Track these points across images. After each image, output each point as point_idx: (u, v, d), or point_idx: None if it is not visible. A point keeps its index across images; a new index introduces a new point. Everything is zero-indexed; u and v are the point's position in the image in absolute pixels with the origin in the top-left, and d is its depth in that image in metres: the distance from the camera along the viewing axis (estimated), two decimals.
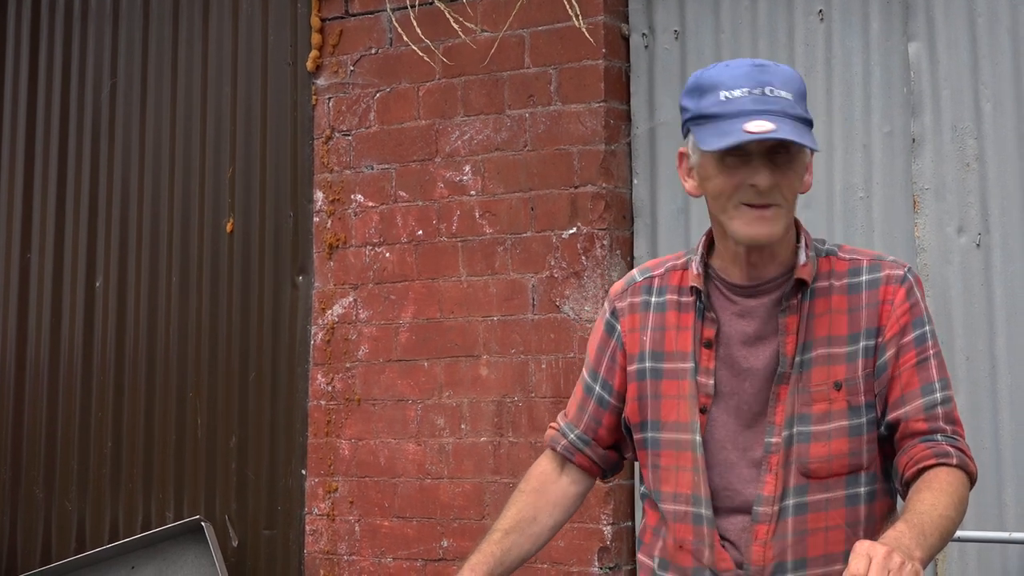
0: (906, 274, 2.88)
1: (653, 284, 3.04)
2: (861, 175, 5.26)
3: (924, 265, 5.09)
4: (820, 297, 2.87)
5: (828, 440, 2.80)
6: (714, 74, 2.83)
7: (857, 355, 2.83)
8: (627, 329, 3.03)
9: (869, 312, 2.85)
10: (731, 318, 2.90)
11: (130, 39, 6.85)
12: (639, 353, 2.99)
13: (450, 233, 5.87)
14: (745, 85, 2.78)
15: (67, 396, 6.82)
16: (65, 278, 6.89)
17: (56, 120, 7.01)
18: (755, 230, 2.80)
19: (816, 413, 2.81)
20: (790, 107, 2.77)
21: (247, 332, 6.37)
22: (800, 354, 2.83)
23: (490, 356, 5.74)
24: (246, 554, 6.29)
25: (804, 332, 2.85)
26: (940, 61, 5.13)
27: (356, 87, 6.17)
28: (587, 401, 3.11)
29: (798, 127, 2.75)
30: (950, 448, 2.76)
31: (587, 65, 5.63)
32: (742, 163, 2.78)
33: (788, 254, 2.90)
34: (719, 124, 2.76)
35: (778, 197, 2.80)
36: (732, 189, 2.80)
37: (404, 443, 5.91)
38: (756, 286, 2.89)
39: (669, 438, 2.91)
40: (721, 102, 2.78)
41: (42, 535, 6.82)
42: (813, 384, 2.82)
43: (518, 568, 3.07)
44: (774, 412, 2.83)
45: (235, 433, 6.36)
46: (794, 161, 2.80)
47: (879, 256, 2.93)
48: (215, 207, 6.51)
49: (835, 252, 2.94)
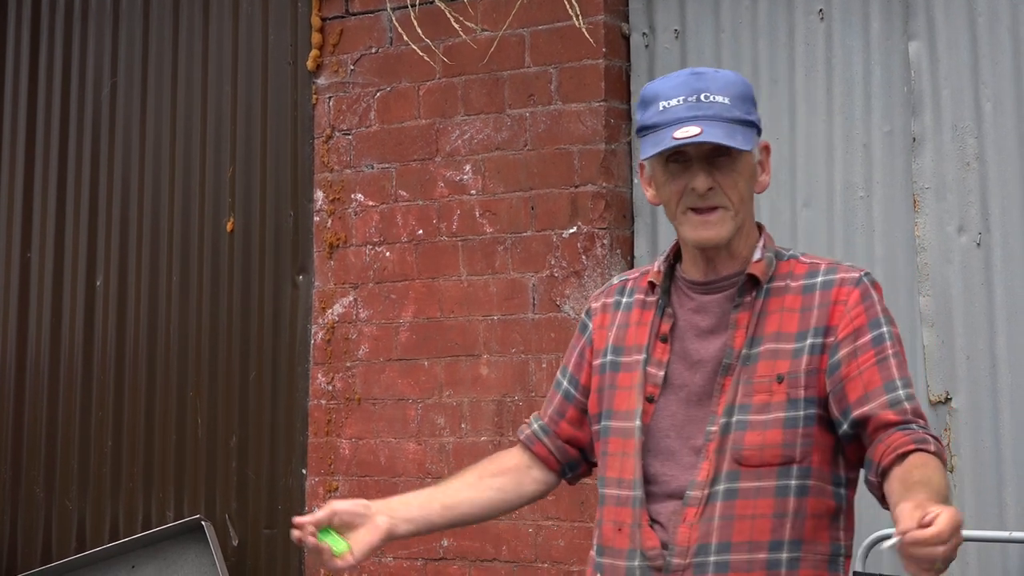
0: (861, 277, 2.95)
1: (627, 286, 3.16)
2: (861, 174, 5.26)
3: (924, 264, 5.09)
4: (775, 296, 2.96)
5: (764, 429, 2.86)
6: (656, 86, 2.97)
7: (803, 351, 2.89)
8: (596, 326, 3.15)
9: (820, 312, 2.91)
10: (687, 313, 3.01)
11: (130, 38, 6.85)
12: (604, 348, 3.10)
13: (450, 232, 5.87)
14: (681, 94, 2.91)
15: (67, 395, 6.82)
16: (65, 277, 6.89)
17: (56, 119, 7.01)
18: (700, 233, 2.93)
19: (756, 403, 2.89)
20: (725, 110, 2.88)
21: (247, 331, 6.37)
22: (748, 348, 2.92)
23: (490, 355, 5.74)
24: (246, 553, 6.29)
25: (754, 327, 2.93)
26: (940, 60, 5.13)
27: (356, 86, 6.17)
28: (555, 395, 3.21)
29: (729, 129, 2.87)
30: (928, 436, 2.81)
31: (587, 64, 5.63)
32: (684, 168, 2.91)
33: (748, 253, 3.00)
34: (656, 133, 2.90)
35: (721, 199, 2.91)
36: (677, 195, 2.93)
37: (404, 442, 5.91)
38: (713, 282, 2.99)
39: (617, 426, 3.01)
40: (659, 112, 2.91)
41: (42, 534, 6.82)
42: (757, 376, 2.89)
43: (447, 518, 3.18)
44: (717, 402, 2.91)
45: (235, 432, 6.36)
46: (736, 163, 2.91)
47: (838, 262, 3.02)
48: (215, 206, 6.51)
49: (796, 256, 3.03)
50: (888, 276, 5.15)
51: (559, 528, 5.48)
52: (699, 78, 2.94)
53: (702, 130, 2.84)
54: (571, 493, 5.37)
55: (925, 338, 5.08)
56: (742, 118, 2.91)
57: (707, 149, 2.88)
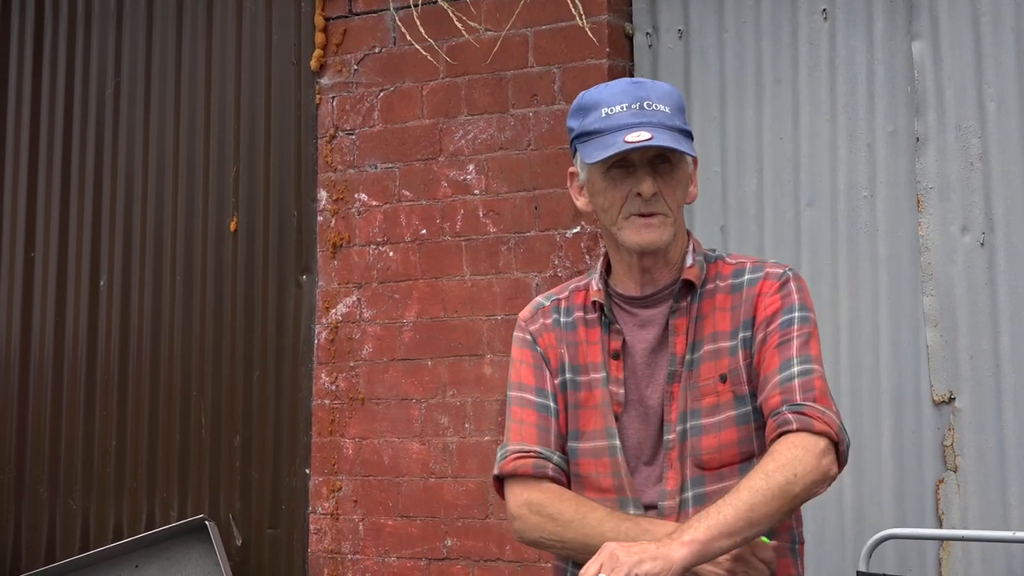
0: (784, 272, 3.03)
1: (560, 305, 3.17)
2: (865, 174, 5.25)
3: (928, 264, 5.09)
4: (707, 298, 3.04)
5: (718, 431, 2.95)
6: (595, 94, 3.02)
7: (737, 348, 2.98)
8: (545, 346, 3.13)
9: (747, 306, 3.00)
10: (633, 329, 3.06)
11: (134, 38, 6.85)
12: (560, 366, 3.11)
13: (454, 232, 5.87)
14: (624, 101, 2.97)
15: (71, 395, 6.82)
16: (69, 277, 6.89)
17: (60, 119, 7.01)
18: (643, 237, 2.97)
19: (705, 407, 2.97)
20: (668, 119, 2.95)
21: (251, 331, 6.37)
22: (690, 353, 3.00)
23: (494, 355, 5.74)
24: (250, 553, 6.29)
25: (693, 332, 3.01)
26: (944, 60, 5.13)
27: (360, 86, 6.17)
28: (547, 420, 3.10)
29: (676, 136, 2.94)
30: (790, 415, 2.85)
31: (591, 64, 5.63)
32: (626, 175, 2.97)
33: (680, 260, 3.07)
34: (602, 138, 2.95)
35: (662, 206, 2.97)
36: (620, 200, 2.97)
37: (408, 442, 5.91)
38: (651, 296, 3.05)
39: (587, 447, 3.03)
40: (602, 118, 2.96)
41: (46, 534, 6.82)
42: (702, 380, 2.97)
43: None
44: (670, 411, 2.98)
45: (239, 432, 6.36)
46: (676, 171, 2.98)
47: (763, 261, 3.10)
48: (219, 206, 6.51)
49: (723, 257, 3.11)
50: (892, 276, 5.16)
51: None
52: (639, 87, 3.00)
53: (653, 135, 2.90)
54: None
55: (929, 338, 5.08)
56: (682, 127, 2.97)
57: (650, 156, 2.95)
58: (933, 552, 5.04)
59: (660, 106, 2.96)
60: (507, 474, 3.06)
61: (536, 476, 3.04)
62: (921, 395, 5.08)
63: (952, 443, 5.01)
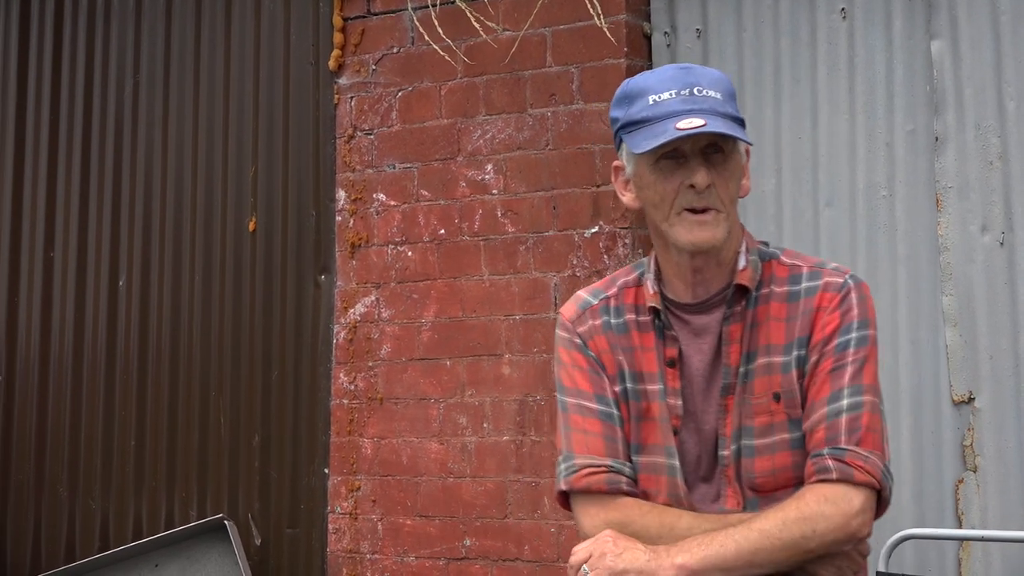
0: (845, 281, 2.82)
1: (610, 304, 2.96)
2: (884, 173, 5.25)
3: (947, 264, 5.08)
4: (762, 304, 2.84)
5: (772, 454, 2.78)
6: (641, 81, 2.84)
7: (791, 365, 2.79)
8: (598, 351, 2.92)
9: (804, 320, 2.81)
10: (688, 337, 2.86)
11: (153, 38, 6.86)
12: (619, 373, 2.90)
13: (472, 232, 5.88)
14: (673, 87, 2.78)
15: (91, 395, 6.83)
16: (88, 277, 6.91)
17: (79, 118, 7.03)
18: (696, 235, 2.78)
19: (758, 426, 2.79)
20: (719, 105, 2.76)
21: (270, 331, 6.38)
22: (745, 363, 2.81)
23: (512, 355, 5.74)
24: (269, 553, 6.30)
25: (748, 341, 2.82)
26: (963, 59, 5.12)
27: (378, 86, 6.17)
28: (613, 429, 2.88)
29: (730, 123, 2.75)
30: (831, 462, 2.71)
31: (609, 64, 5.63)
32: (677, 166, 2.77)
33: (734, 260, 2.86)
34: (650, 127, 2.76)
35: (716, 200, 2.77)
36: (672, 194, 2.77)
37: (426, 442, 5.91)
38: (704, 302, 2.86)
39: (646, 461, 2.86)
40: (650, 105, 2.78)
41: (66, 533, 6.84)
42: (755, 396, 2.79)
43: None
44: (724, 424, 2.81)
45: (258, 432, 6.37)
46: (729, 161, 2.79)
47: (821, 263, 2.89)
48: (238, 206, 6.52)
49: (777, 256, 2.90)
50: (911, 276, 5.15)
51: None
52: (688, 72, 2.81)
53: (706, 122, 2.71)
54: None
55: (948, 338, 5.07)
56: (734, 115, 2.79)
57: (702, 145, 2.76)
58: (953, 552, 5.03)
59: (711, 92, 2.78)
60: (579, 491, 2.86)
61: (611, 492, 2.84)
62: (940, 395, 5.07)
63: (972, 443, 5.00)
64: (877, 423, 2.75)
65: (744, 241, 2.88)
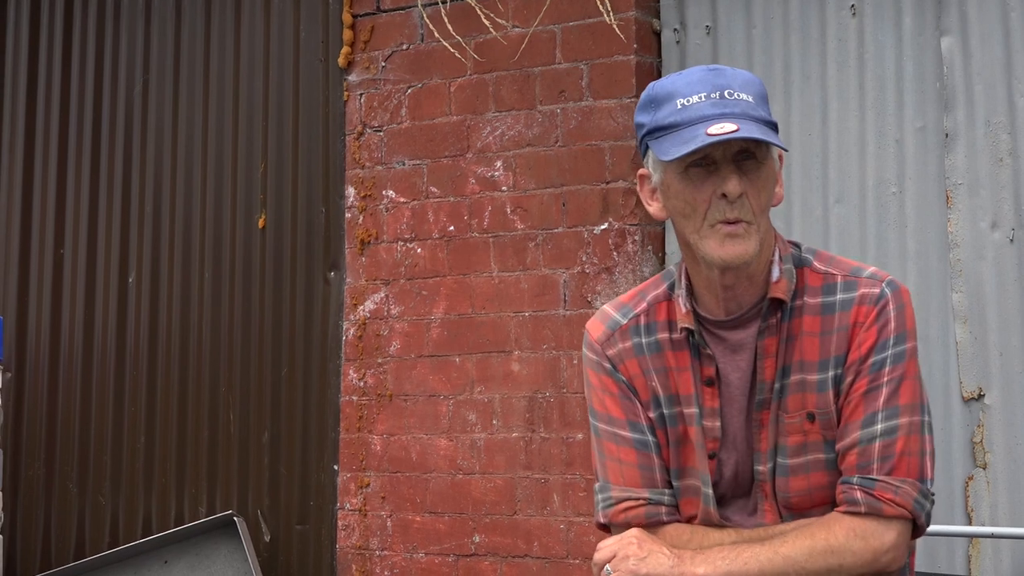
0: (882, 291, 2.68)
1: (640, 322, 2.81)
2: (894, 170, 5.24)
3: (957, 261, 5.07)
4: (796, 316, 2.70)
5: (807, 473, 2.69)
6: (668, 84, 2.68)
7: (827, 384, 2.67)
8: (631, 375, 2.79)
9: (840, 336, 2.67)
10: (725, 354, 2.73)
11: (162, 36, 6.87)
12: (652, 399, 2.77)
13: (481, 229, 5.88)
14: (702, 90, 2.62)
15: (100, 391, 6.84)
16: (98, 274, 6.92)
17: (89, 117, 7.04)
18: (727, 251, 2.62)
19: (791, 446, 2.69)
20: (752, 109, 2.61)
21: (279, 328, 6.39)
22: (780, 379, 2.69)
23: (522, 352, 5.75)
24: (278, 549, 6.31)
25: (783, 355, 2.69)
26: (973, 55, 5.12)
27: (387, 83, 6.18)
28: (649, 458, 2.78)
29: (763, 128, 2.60)
30: (859, 494, 2.62)
31: (618, 61, 5.63)
32: (708, 174, 2.61)
33: (766, 271, 2.70)
34: (679, 132, 2.60)
35: (747, 212, 2.61)
36: (702, 204, 2.61)
37: (436, 438, 5.92)
38: (738, 317, 2.71)
39: (685, 484, 2.77)
40: (679, 110, 2.62)
41: (76, 530, 6.85)
42: (788, 413, 2.68)
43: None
44: (759, 439, 2.71)
45: (267, 428, 6.38)
46: (762, 168, 2.64)
47: (855, 270, 2.73)
48: (247, 203, 6.53)
49: (809, 262, 2.75)
50: (921, 272, 5.14)
51: (591, 524, 5.47)
52: (718, 74, 2.65)
53: (739, 127, 2.54)
54: None
55: (958, 334, 5.06)
56: (767, 119, 2.62)
57: (734, 151, 2.60)
58: (963, 549, 5.03)
59: (743, 95, 2.61)
60: (619, 525, 2.78)
61: (650, 525, 2.76)
62: (950, 392, 5.06)
63: (981, 440, 4.99)
64: (915, 444, 2.64)
65: (777, 249, 2.72)
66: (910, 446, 2.63)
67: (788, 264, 2.72)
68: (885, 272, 2.74)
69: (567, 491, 5.59)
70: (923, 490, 2.65)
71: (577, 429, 5.57)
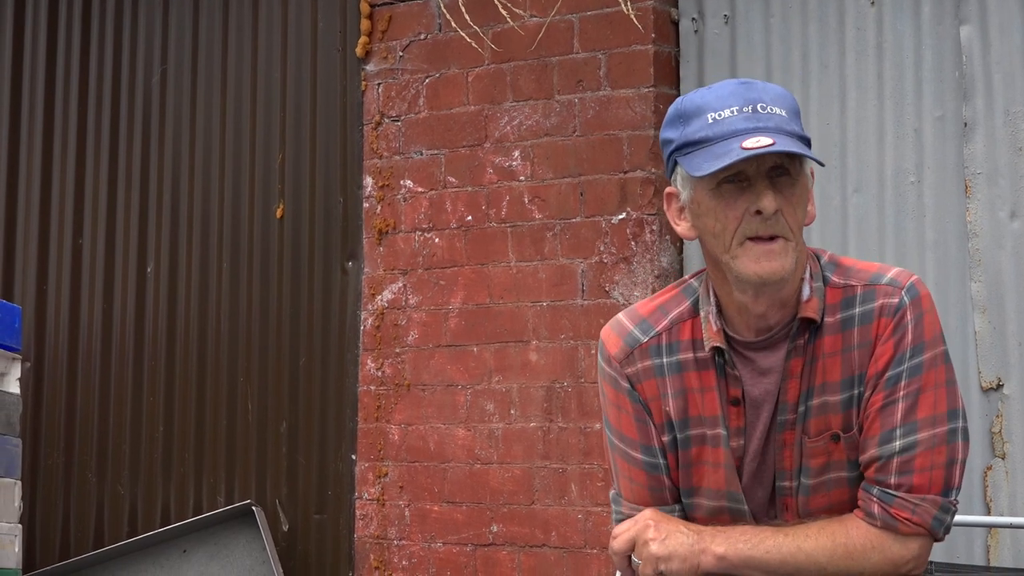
0: (900, 300, 2.61)
1: (661, 342, 2.74)
2: (912, 160, 5.23)
3: (976, 250, 5.06)
4: (818, 337, 2.64)
5: (828, 491, 2.67)
6: (697, 98, 2.60)
7: (851, 403, 2.63)
8: (648, 398, 2.74)
9: (861, 353, 2.62)
10: (752, 376, 2.67)
11: (180, 25, 6.88)
12: (666, 423, 2.73)
13: (499, 219, 5.88)
14: (734, 104, 2.55)
15: (119, 381, 6.86)
16: (117, 264, 6.93)
17: (107, 107, 7.04)
18: (763, 267, 2.54)
19: (815, 467, 2.66)
20: (786, 123, 2.54)
21: (297, 317, 6.39)
22: (804, 401, 2.64)
23: (539, 341, 5.75)
24: (297, 538, 6.32)
25: (807, 377, 2.64)
26: (992, 44, 5.10)
27: (405, 73, 6.18)
28: (659, 480, 2.77)
29: (798, 143, 2.53)
30: (876, 508, 2.60)
31: (636, 50, 5.62)
32: (741, 191, 2.54)
33: (797, 293, 2.63)
34: (711, 148, 2.52)
35: (783, 228, 2.54)
36: (735, 222, 2.54)
37: (454, 428, 5.92)
38: (768, 338, 2.65)
39: (701, 503, 2.74)
40: (710, 124, 2.54)
41: (95, 519, 6.87)
42: (811, 437, 2.64)
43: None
44: (782, 458, 2.67)
45: (285, 418, 6.39)
46: (797, 185, 2.56)
47: (874, 278, 2.66)
48: (265, 193, 6.53)
49: (829, 279, 2.67)
50: (939, 262, 5.13)
51: (608, 514, 5.47)
52: (750, 88, 2.58)
53: (775, 141, 2.47)
54: None
55: (977, 324, 5.05)
56: (801, 134, 2.56)
57: (768, 167, 2.53)
58: (981, 539, 5.02)
59: (775, 109, 2.54)
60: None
61: None
62: (969, 381, 5.05)
63: (1000, 430, 4.98)
64: (940, 456, 2.60)
65: (809, 266, 2.65)
66: (934, 459, 2.59)
67: (818, 283, 2.66)
68: (908, 273, 2.69)
69: (585, 481, 5.59)
70: (944, 505, 2.62)
71: (595, 419, 5.57)
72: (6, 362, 6.25)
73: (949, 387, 2.65)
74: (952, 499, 2.63)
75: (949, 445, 2.62)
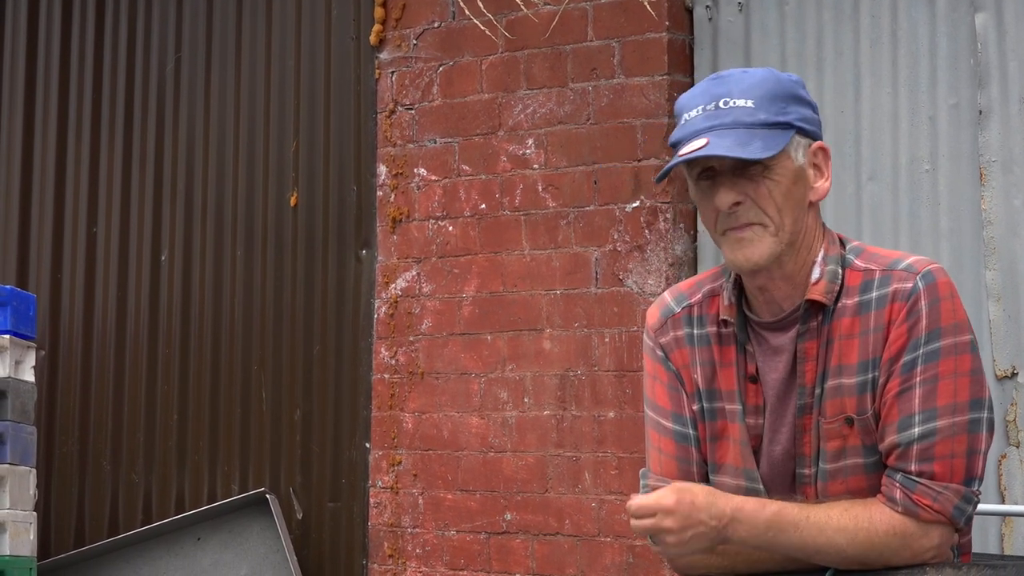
0: (915, 285, 2.61)
1: (692, 314, 2.81)
2: (927, 147, 5.21)
3: (991, 238, 5.05)
4: (836, 319, 2.65)
5: (845, 478, 2.66)
6: (683, 97, 2.71)
7: (866, 387, 2.63)
8: (680, 365, 2.80)
9: (876, 337, 2.62)
10: (765, 355, 2.71)
11: (194, 13, 6.88)
12: (695, 392, 2.78)
13: (513, 207, 5.87)
14: (700, 103, 2.64)
15: (133, 369, 6.87)
16: (131, 252, 6.94)
17: (121, 95, 7.05)
18: (738, 256, 2.62)
19: (830, 451, 2.66)
20: (746, 115, 2.58)
21: (311, 306, 6.40)
22: (820, 383, 2.66)
23: (553, 330, 5.74)
24: (311, 526, 6.33)
25: (824, 359, 2.65)
26: (1008, 32, 5.08)
27: (419, 61, 6.17)
28: (687, 450, 2.80)
29: (746, 136, 2.57)
30: (898, 494, 2.59)
31: (650, 38, 5.61)
32: (713, 186, 2.63)
33: (807, 273, 2.68)
34: (679, 150, 2.63)
35: (754, 214, 2.61)
36: (713, 214, 2.64)
37: (467, 416, 5.92)
38: (781, 319, 2.69)
39: (722, 481, 2.75)
40: (682, 126, 2.65)
41: (109, 507, 6.88)
42: (827, 419, 2.65)
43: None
44: (802, 443, 2.68)
45: (299, 406, 6.40)
46: (771, 171, 2.60)
47: (893, 263, 2.67)
48: (279, 181, 6.54)
49: (851, 262, 2.69)
50: (954, 250, 5.12)
51: (622, 502, 5.48)
52: (720, 83, 2.64)
53: (708, 142, 2.56)
54: (633, 467, 5.37)
55: (991, 312, 5.04)
56: (768, 120, 2.59)
57: (731, 160, 2.59)
58: (995, 528, 5.01)
59: (740, 101, 2.58)
60: None
61: None
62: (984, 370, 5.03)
63: (1015, 418, 4.97)
64: (961, 445, 2.60)
65: (823, 248, 2.69)
66: (955, 448, 2.59)
67: (832, 265, 2.67)
68: (928, 261, 2.69)
69: (599, 469, 5.59)
70: (966, 494, 2.62)
71: (608, 407, 5.57)
72: (21, 350, 6.26)
73: (973, 376, 2.64)
74: (974, 489, 2.63)
75: (971, 435, 2.61)
